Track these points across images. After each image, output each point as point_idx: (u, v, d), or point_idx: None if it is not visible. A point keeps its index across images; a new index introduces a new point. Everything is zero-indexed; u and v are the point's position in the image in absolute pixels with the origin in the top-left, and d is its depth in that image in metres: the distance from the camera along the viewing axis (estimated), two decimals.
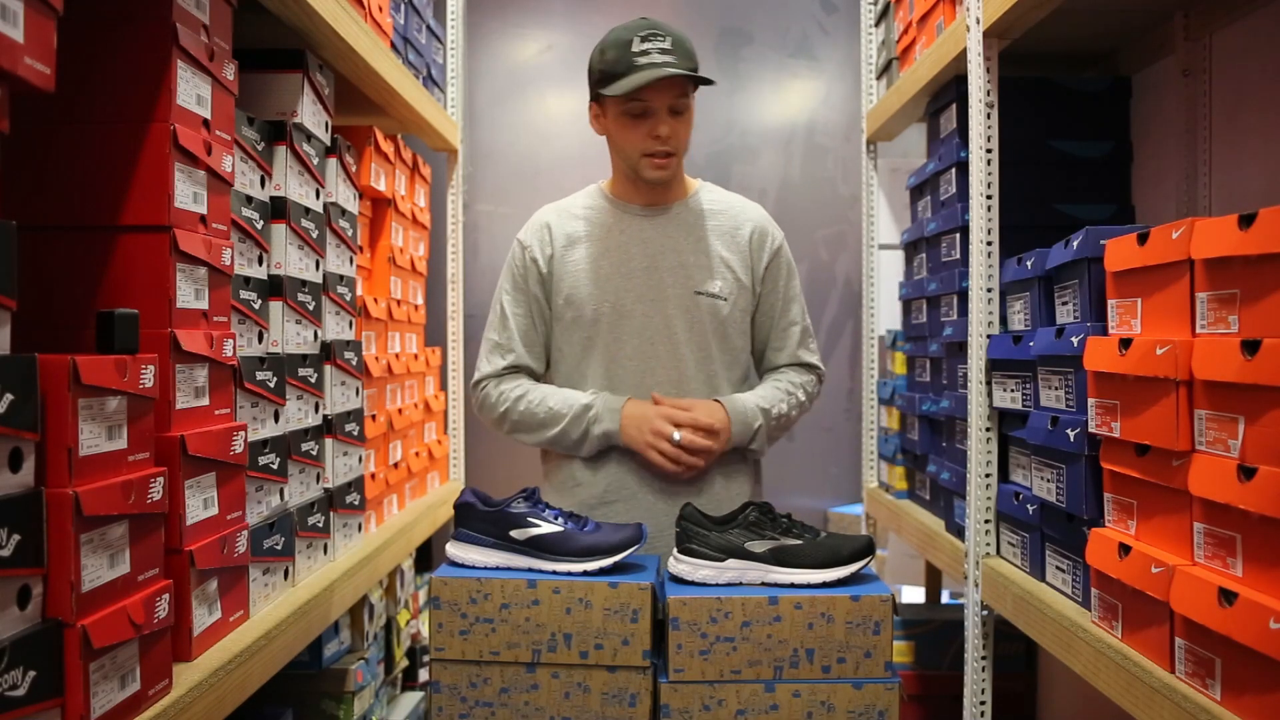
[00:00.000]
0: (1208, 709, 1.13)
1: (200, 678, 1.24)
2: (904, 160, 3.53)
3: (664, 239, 1.92)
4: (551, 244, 1.94)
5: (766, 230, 1.98)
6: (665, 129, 1.82)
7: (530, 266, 1.94)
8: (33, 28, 0.89)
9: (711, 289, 1.90)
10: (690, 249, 1.92)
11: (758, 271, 1.96)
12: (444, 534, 2.34)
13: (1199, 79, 2.04)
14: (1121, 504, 1.38)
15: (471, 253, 3.82)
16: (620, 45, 1.80)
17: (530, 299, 1.95)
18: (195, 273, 1.33)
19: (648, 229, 1.93)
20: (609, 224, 1.94)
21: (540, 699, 1.59)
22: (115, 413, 1.09)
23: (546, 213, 1.99)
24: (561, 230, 1.95)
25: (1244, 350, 1.08)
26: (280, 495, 1.62)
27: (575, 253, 1.93)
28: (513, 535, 1.66)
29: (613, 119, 1.86)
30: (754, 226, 1.96)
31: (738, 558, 1.64)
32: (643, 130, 1.83)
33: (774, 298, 1.98)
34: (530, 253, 1.95)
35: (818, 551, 1.64)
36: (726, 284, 1.92)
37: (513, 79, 3.91)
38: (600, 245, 1.92)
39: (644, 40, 1.78)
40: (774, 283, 1.97)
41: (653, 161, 1.85)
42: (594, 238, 1.93)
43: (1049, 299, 1.69)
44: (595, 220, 1.95)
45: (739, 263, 1.93)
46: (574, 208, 1.98)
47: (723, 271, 1.92)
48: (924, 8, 2.37)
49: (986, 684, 1.92)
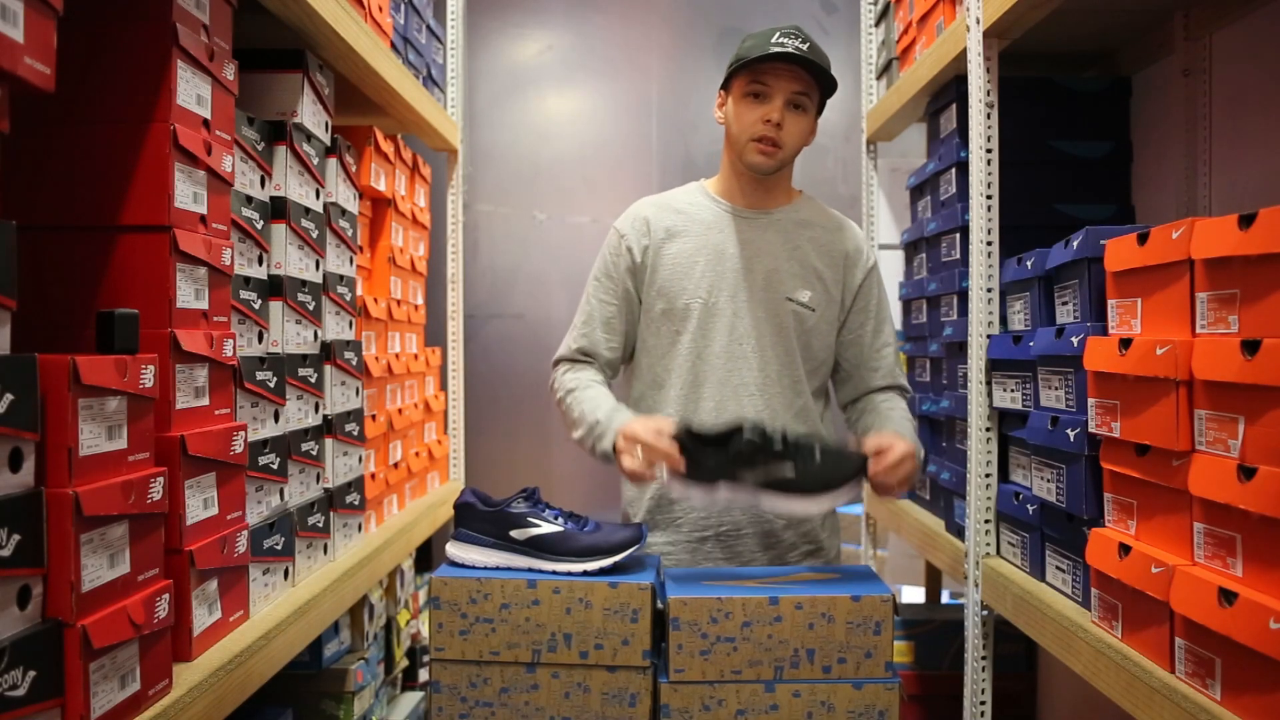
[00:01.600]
0: (1208, 709, 1.13)
1: (200, 678, 1.24)
2: (904, 160, 3.53)
3: (761, 242, 1.92)
4: (649, 235, 1.94)
5: (862, 249, 1.98)
6: (778, 114, 1.83)
7: (624, 255, 1.95)
8: (33, 28, 0.89)
9: (801, 298, 1.90)
10: (785, 256, 1.92)
11: (850, 288, 1.95)
12: (444, 534, 2.34)
13: (1199, 79, 2.04)
14: (1121, 504, 1.38)
15: (471, 253, 3.82)
16: (762, 35, 1.84)
17: (619, 287, 1.95)
18: (195, 273, 1.33)
19: (746, 230, 1.93)
20: (708, 221, 1.94)
21: (540, 699, 1.59)
22: (115, 413, 1.09)
23: (645, 205, 2.00)
24: (660, 223, 1.95)
25: (1244, 350, 1.08)
26: (280, 495, 1.62)
27: (672, 246, 1.93)
28: (513, 535, 1.66)
29: (734, 103, 1.88)
30: (851, 243, 1.96)
31: (729, 483, 1.64)
32: (757, 113, 1.84)
33: (864, 316, 1.96)
34: (626, 241, 1.95)
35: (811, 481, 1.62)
36: (816, 295, 1.91)
37: (513, 79, 3.91)
38: (698, 241, 1.93)
39: (784, 35, 1.81)
40: (866, 301, 1.96)
41: (759, 146, 1.84)
42: (692, 233, 1.94)
43: (1049, 299, 1.69)
44: (695, 216, 1.95)
45: (831, 277, 1.93)
46: (674, 202, 1.99)
47: (814, 282, 1.92)
48: (924, 8, 2.37)
49: (986, 684, 1.92)
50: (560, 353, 1.98)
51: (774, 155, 1.85)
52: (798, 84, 1.83)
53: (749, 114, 1.85)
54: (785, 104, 1.83)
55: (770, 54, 1.78)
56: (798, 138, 1.87)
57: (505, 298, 3.88)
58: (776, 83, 1.82)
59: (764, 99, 1.83)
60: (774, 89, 1.83)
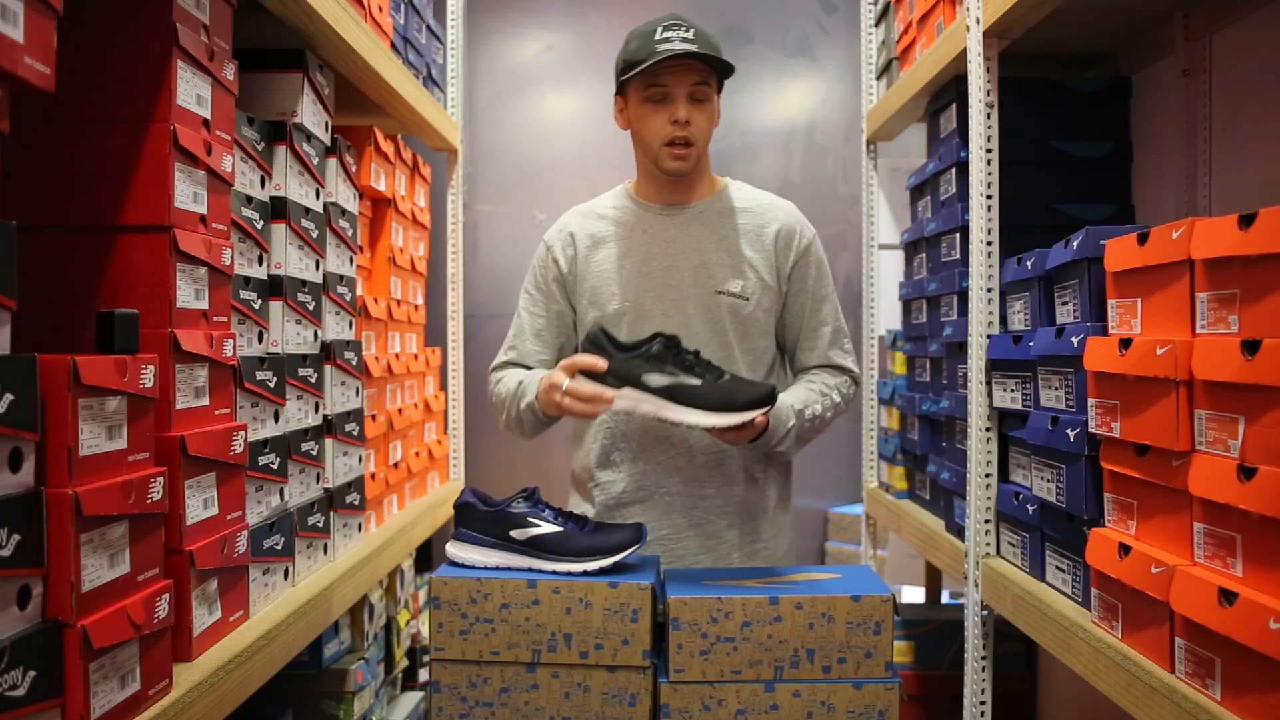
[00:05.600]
0: (1208, 709, 1.13)
1: (200, 678, 1.24)
2: (904, 160, 3.53)
3: (685, 238, 1.91)
4: (574, 244, 1.95)
5: (794, 229, 1.94)
6: (684, 113, 1.81)
7: (551, 267, 1.96)
8: (33, 28, 0.89)
9: (732, 288, 1.89)
10: (712, 248, 1.91)
11: (784, 271, 1.93)
12: (444, 534, 2.34)
13: (1199, 79, 2.04)
14: (1121, 504, 1.38)
15: (471, 253, 3.82)
16: (644, 35, 1.82)
17: (548, 299, 1.96)
18: (195, 273, 1.33)
19: (670, 228, 1.92)
20: (632, 224, 1.94)
21: (540, 699, 1.59)
22: (115, 413, 1.09)
23: (571, 215, 2.00)
24: (585, 231, 1.95)
25: (1244, 350, 1.08)
26: (280, 495, 1.62)
27: (598, 253, 1.93)
28: (513, 535, 1.66)
29: (634, 108, 1.87)
30: (781, 225, 1.94)
31: (633, 387, 1.64)
32: (662, 117, 1.83)
33: (802, 298, 1.94)
34: (553, 254, 1.96)
35: (714, 394, 1.62)
36: (749, 283, 1.90)
37: (513, 79, 3.91)
38: (623, 245, 1.93)
39: (667, 30, 1.79)
40: (801, 282, 1.94)
41: (672, 151, 1.84)
42: (617, 238, 1.94)
43: (1049, 299, 1.69)
44: (619, 220, 1.95)
45: (763, 262, 1.91)
46: (599, 208, 1.99)
47: (745, 271, 1.90)
48: (924, 8, 2.37)
49: (986, 684, 1.92)
50: (493, 364, 2.00)
51: (688, 156, 1.85)
52: (695, 75, 1.81)
53: (654, 119, 1.84)
54: (687, 99, 1.82)
55: (661, 57, 1.76)
56: (706, 129, 1.86)
57: (505, 298, 3.88)
58: (674, 81, 1.81)
59: (666, 100, 1.82)
60: (673, 88, 1.81)
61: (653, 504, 1.90)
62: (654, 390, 1.63)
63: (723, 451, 1.89)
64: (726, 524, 1.91)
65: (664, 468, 1.89)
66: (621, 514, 1.90)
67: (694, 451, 1.89)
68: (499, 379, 1.95)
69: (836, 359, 1.96)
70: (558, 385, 1.71)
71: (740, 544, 1.92)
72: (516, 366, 1.96)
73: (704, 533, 1.90)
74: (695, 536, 1.89)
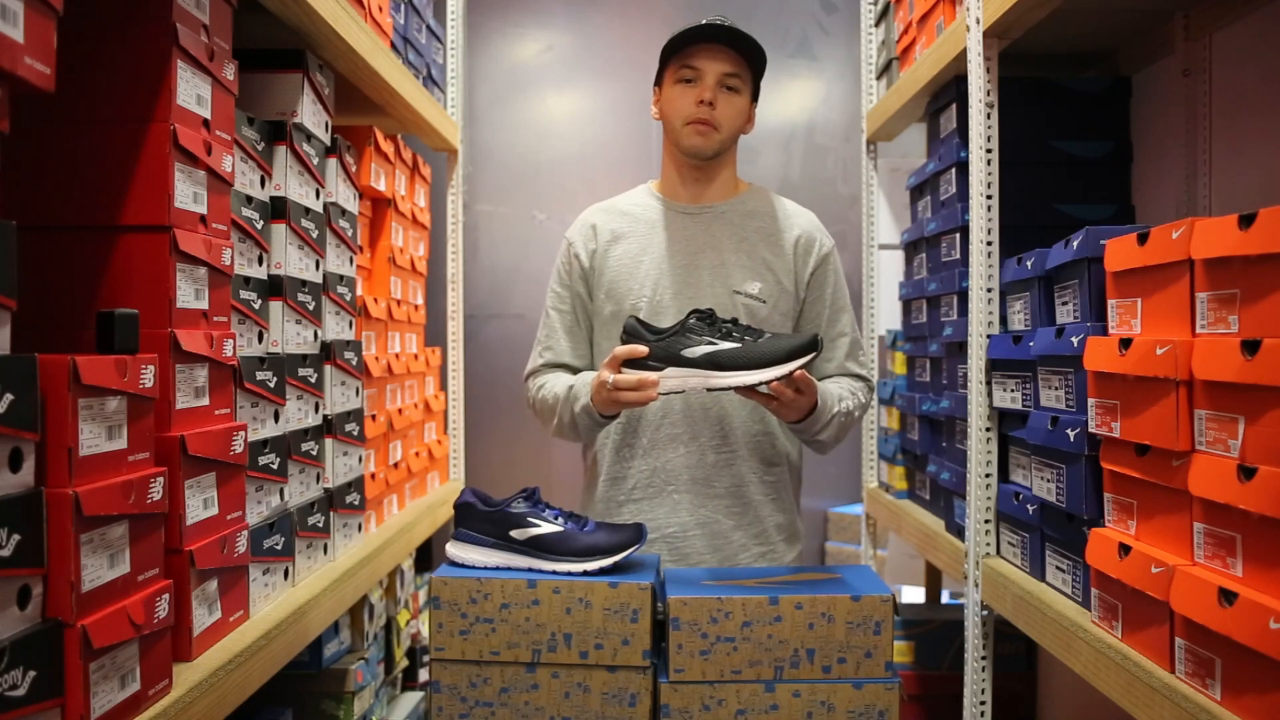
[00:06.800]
0: (1208, 709, 1.13)
1: (200, 678, 1.24)
2: (904, 160, 3.53)
3: (706, 237, 1.92)
4: (595, 240, 1.96)
5: (815, 237, 1.96)
6: (710, 94, 1.84)
7: (574, 263, 1.96)
8: (33, 28, 0.89)
9: (750, 290, 1.89)
10: (732, 248, 1.91)
11: (802, 277, 1.94)
12: (444, 534, 2.34)
13: (1199, 79, 2.04)
14: (1121, 504, 1.38)
15: (471, 253, 3.82)
16: (687, 26, 1.86)
17: (574, 296, 1.96)
18: (195, 273, 1.33)
19: (690, 226, 1.93)
20: (653, 220, 1.95)
21: (540, 699, 1.59)
22: (115, 413, 1.09)
23: (593, 211, 2.02)
24: (606, 227, 1.96)
25: (1244, 350, 1.08)
26: (280, 495, 1.62)
27: (618, 248, 1.94)
28: (513, 535, 1.66)
29: (666, 92, 1.89)
30: (802, 232, 1.95)
31: (676, 365, 1.64)
32: (690, 96, 1.85)
33: (819, 306, 1.95)
34: (574, 249, 1.97)
35: (755, 353, 1.61)
36: (767, 286, 1.90)
37: (513, 79, 3.91)
38: (643, 241, 1.94)
39: (708, 20, 1.85)
40: (819, 290, 1.95)
41: (695, 128, 1.85)
42: (638, 234, 1.95)
43: (1049, 299, 1.69)
44: (640, 217, 1.96)
45: (782, 267, 1.92)
46: (622, 204, 2.00)
47: (764, 274, 1.91)
48: (924, 8, 2.37)
49: (986, 684, 1.92)
50: (529, 368, 2.00)
51: (711, 136, 1.86)
52: (728, 65, 1.85)
53: (682, 99, 1.86)
54: (717, 85, 1.84)
55: (696, 29, 1.81)
56: (733, 119, 1.88)
57: (505, 298, 3.88)
58: (706, 64, 1.84)
59: (695, 82, 1.85)
60: (704, 70, 1.85)
61: (661, 501, 1.90)
62: (695, 362, 1.63)
63: (733, 452, 1.90)
64: (734, 524, 1.91)
65: (674, 466, 1.90)
66: (630, 510, 1.91)
67: (704, 451, 1.89)
68: (540, 384, 1.94)
69: (853, 369, 1.97)
70: (606, 382, 1.72)
71: (748, 545, 1.92)
72: (553, 368, 1.96)
73: (711, 532, 1.90)
74: (702, 536, 1.90)
